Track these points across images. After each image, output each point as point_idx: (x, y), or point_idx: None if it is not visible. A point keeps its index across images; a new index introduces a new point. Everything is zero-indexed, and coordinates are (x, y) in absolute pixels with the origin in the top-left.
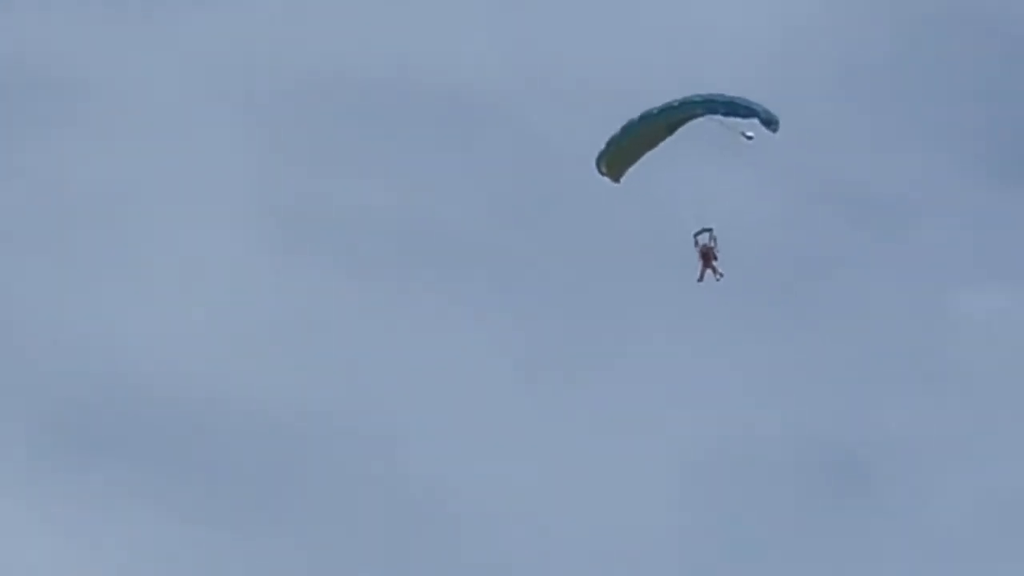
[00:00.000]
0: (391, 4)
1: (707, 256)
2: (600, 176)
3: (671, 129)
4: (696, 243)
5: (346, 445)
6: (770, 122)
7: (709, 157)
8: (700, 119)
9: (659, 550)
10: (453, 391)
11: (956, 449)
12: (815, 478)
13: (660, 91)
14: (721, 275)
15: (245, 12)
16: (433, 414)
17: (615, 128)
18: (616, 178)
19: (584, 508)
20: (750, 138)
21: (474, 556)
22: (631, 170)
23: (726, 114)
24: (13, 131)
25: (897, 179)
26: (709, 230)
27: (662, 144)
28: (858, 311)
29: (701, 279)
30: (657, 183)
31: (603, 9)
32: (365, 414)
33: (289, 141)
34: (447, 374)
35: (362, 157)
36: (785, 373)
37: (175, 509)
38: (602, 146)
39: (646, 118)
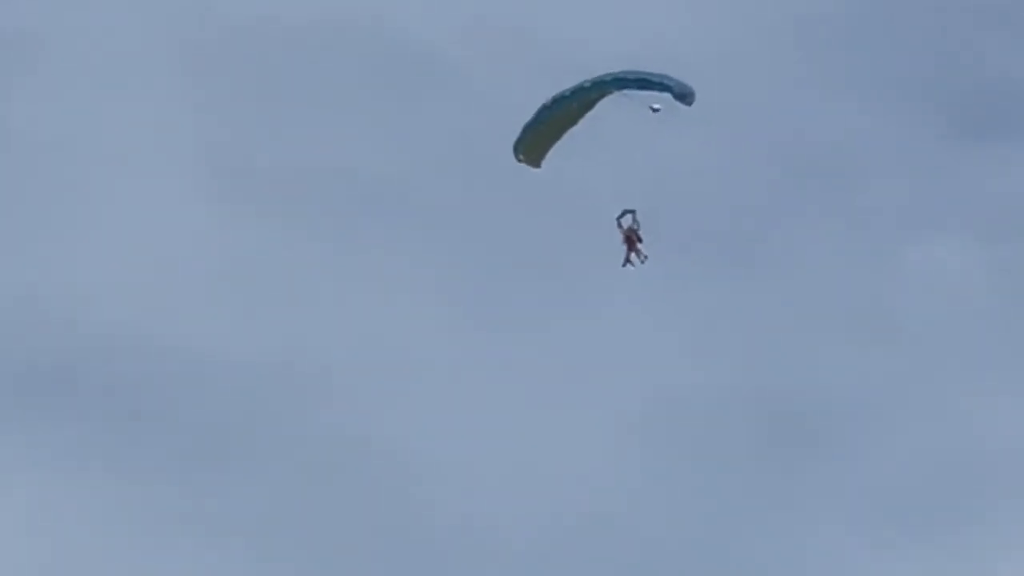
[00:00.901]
0: None
1: (631, 239)
2: (518, 163)
3: (585, 109)
4: (620, 226)
5: (290, 395)
6: (684, 95)
7: (633, 128)
8: (614, 96)
9: (601, 501)
10: (394, 341)
11: (903, 402)
12: (761, 432)
13: (601, 48)
14: (646, 257)
15: None
16: (374, 364)
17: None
18: (535, 163)
19: (527, 458)
20: (657, 110)
21: (419, 503)
22: (550, 155)
23: (639, 89)
24: None
25: (844, 133)
26: (632, 212)
27: (578, 124)
28: (806, 265)
29: (627, 262)
30: (582, 159)
31: None
32: (308, 364)
33: (230, 92)
34: (388, 324)
35: (303, 109)
36: (732, 326)
37: (117, 461)
38: (517, 133)
39: (559, 101)
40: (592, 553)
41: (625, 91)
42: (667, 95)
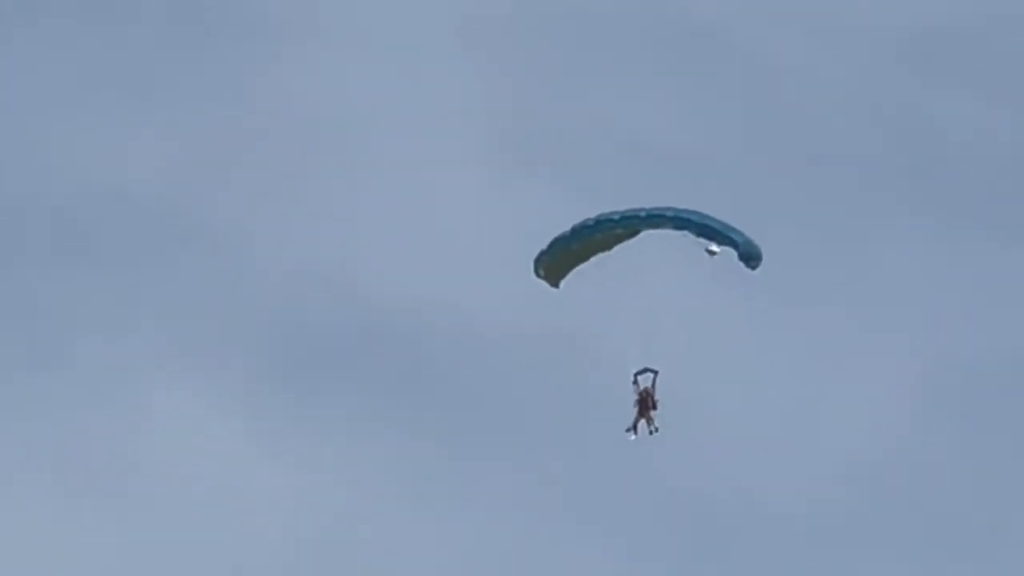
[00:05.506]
0: None
1: (644, 402)
2: (537, 279)
3: (628, 237)
4: (635, 383)
5: (574, 366)
6: (750, 257)
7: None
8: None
9: (894, 462)
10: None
11: None
12: None
13: None
14: (656, 429)
15: None
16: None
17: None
18: (555, 283)
19: (823, 423)
20: (714, 254)
21: (695, 469)
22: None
23: (698, 235)
24: (248, 58)
25: None
26: (654, 372)
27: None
28: None
29: (633, 429)
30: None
31: None
32: (592, 332)
33: (511, 61)
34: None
35: (581, 74)
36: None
37: (405, 431)
38: (544, 246)
39: (602, 224)
40: (869, 523)
41: (684, 232)
42: (731, 251)
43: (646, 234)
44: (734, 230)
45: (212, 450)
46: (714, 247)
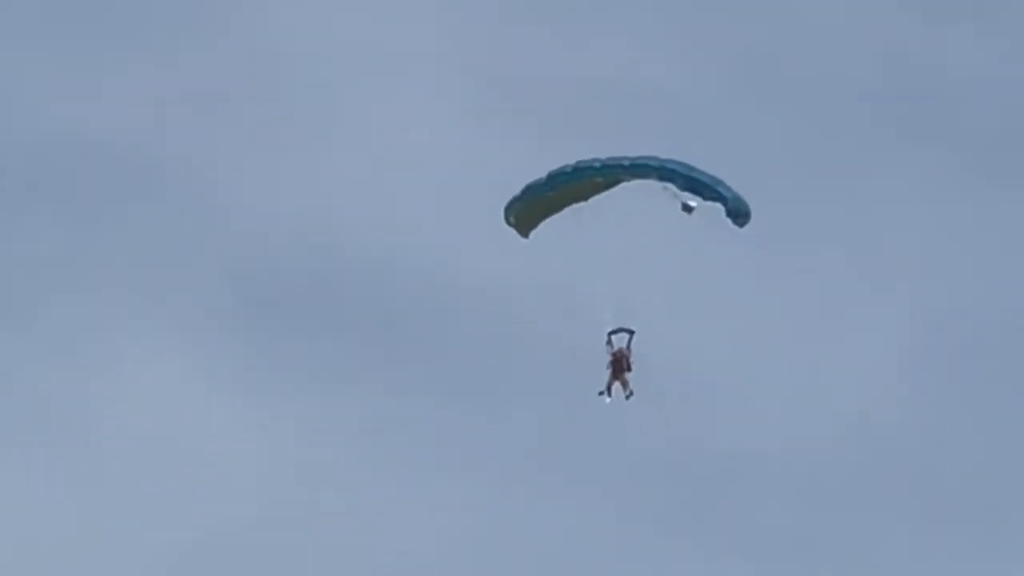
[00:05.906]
0: None
1: (619, 363)
2: (507, 226)
3: (607, 187)
4: (609, 343)
5: (559, 318)
6: (738, 214)
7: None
8: (647, 182)
9: (893, 417)
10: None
11: None
12: None
13: None
14: (631, 393)
15: None
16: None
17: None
18: (524, 233)
19: (817, 378)
20: (690, 210)
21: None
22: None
23: (684, 188)
24: (217, 4)
25: None
26: (630, 332)
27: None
28: None
29: (607, 392)
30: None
31: None
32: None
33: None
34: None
35: (565, 16)
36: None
37: (376, 385)
38: (516, 192)
39: (581, 172)
40: (866, 479)
41: (667, 184)
42: (718, 206)
43: (625, 184)
44: (722, 184)
45: (179, 406)
46: (692, 203)
